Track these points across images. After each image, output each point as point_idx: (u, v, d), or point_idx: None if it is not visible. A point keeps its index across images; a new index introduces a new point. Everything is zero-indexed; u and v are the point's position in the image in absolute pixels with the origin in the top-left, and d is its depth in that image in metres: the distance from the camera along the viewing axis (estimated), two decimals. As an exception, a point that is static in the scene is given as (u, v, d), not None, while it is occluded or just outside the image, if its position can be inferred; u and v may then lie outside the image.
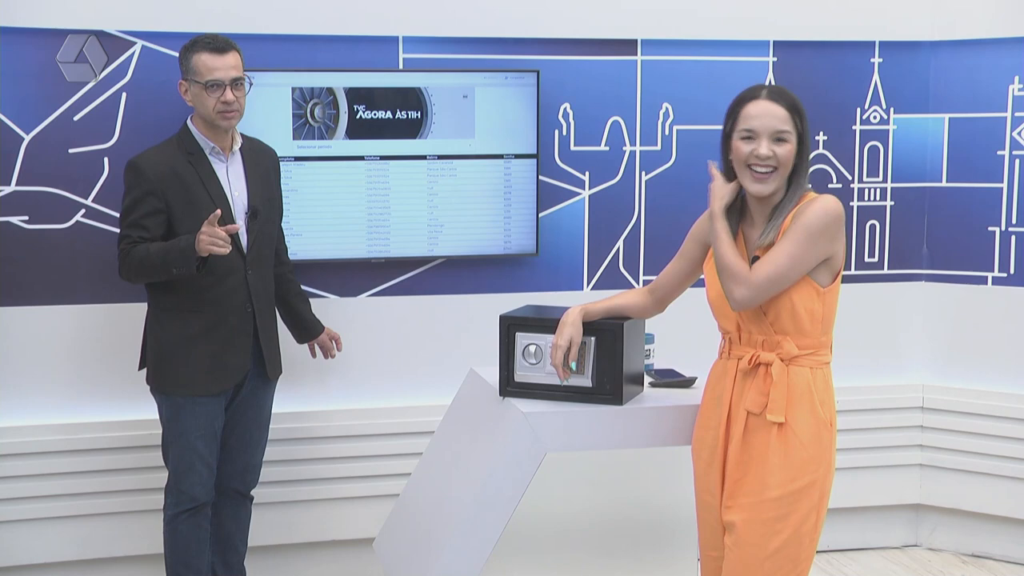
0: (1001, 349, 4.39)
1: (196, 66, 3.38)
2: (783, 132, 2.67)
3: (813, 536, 2.69)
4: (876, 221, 4.49)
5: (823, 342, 2.73)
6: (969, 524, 4.48)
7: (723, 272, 2.68)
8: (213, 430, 3.48)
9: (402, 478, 3.76)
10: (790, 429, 2.66)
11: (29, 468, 3.84)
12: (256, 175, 3.52)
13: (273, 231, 3.61)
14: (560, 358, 2.88)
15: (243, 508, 3.68)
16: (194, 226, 3.31)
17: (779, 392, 2.67)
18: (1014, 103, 4.32)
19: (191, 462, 3.45)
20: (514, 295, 4.07)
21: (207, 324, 3.41)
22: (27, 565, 3.90)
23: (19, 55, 3.77)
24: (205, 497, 3.49)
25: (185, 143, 3.43)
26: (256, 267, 3.48)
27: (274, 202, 3.61)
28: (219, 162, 3.45)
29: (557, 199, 4.24)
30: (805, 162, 2.71)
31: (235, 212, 3.43)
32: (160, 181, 3.36)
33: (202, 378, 3.41)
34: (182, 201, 3.37)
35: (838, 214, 2.66)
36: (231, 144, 3.48)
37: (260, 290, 3.50)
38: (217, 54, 3.38)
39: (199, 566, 3.53)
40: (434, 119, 4.04)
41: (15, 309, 3.83)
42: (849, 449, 4.35)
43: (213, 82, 3.36)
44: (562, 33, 4.17)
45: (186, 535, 3.49)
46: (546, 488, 3.17)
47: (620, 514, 3.48)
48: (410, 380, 4.16)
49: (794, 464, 2.66)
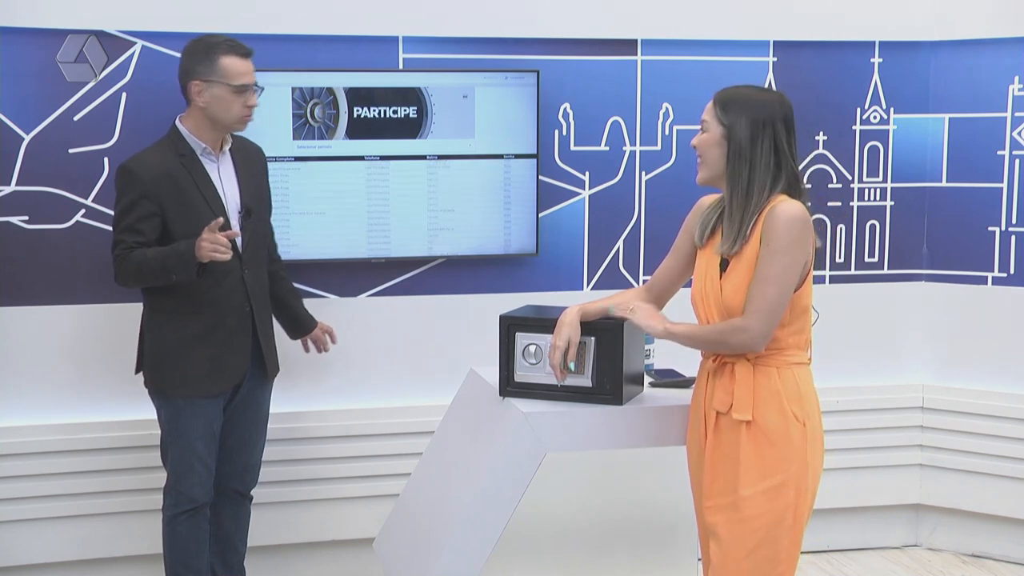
0: (1001, 349, 4.39)
1: (224, 68, 3.35)
2: (704, 121, 2.75)
3: (792, 536, 2.68)
4: (876, 221, 4.49)
5: (791, 343, 2.72)
6: (969, 524, 4.48)
7: (721, 344, 2.71)
8: (212, 431, 3.47)
9: (402, 478, 3.76)
10: (758, 427, 2.67)
11: (29, 468, 3.84)
12: (247, 174, 3.51)
13: (266, 230, 3.62)
14: (558, 359, 2.87)
15: (243, 508, 3.68)
16: (189, 228, 3.30)
17: (743, 391, 2.69)
18: (1014, 103, 4.32)
19: (190, 463, 3.44)
20: (514, 295, 4.07)
21: (206, 326, 3.40)
22: (27, 565, 3.89)
23: (19, 55, 3.77)
24: (204, 498, 3.49)
25: (177, 144, 3.41)
26: (252, 266, 3.47)
27: (264, 200, 3.61)
28: (211, 163, 3.43)
29: (557, 199, 4.24)
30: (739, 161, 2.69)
31: (229, 212, 3.41)
32: (153, 184, 3.33)
33: (201, 380, 3.41)
34: (176, 203, 3.35)
35: (803, 220, 2.65)
36: (222, 144, 3.47)
37: (257, 289, 3.50)
38: (244, 58, 3.39)
39: (198, 566, 3.53)
40: (434, 119, 4.04)
41: (15, 309, 3.83)
42: (849, 449, 4.36)
43: (244, 86, 3.36)
44: (562, 33, 4.16)
45: (185, 536, 3.49)
46: (546, 488, 3.17)
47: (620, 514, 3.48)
48: (410, 380, 4.16)
49: (765, 463, 2.66)
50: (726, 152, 2.71)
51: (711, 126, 2.73)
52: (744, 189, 2.68)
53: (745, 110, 2.69)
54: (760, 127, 2.69)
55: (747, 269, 2.67)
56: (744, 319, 2.65)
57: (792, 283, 2.66)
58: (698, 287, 2.79)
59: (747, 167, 2.69)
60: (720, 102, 2.73)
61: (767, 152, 2.69)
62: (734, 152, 2.70)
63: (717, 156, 2.72)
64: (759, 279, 2.64)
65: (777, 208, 2.65)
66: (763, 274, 2.64)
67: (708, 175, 2.76)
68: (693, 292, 2.81)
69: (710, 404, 2.76)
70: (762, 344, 2.66)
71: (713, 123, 2.73)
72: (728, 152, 2.70)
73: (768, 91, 2.81)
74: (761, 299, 2.63)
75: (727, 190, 2.73)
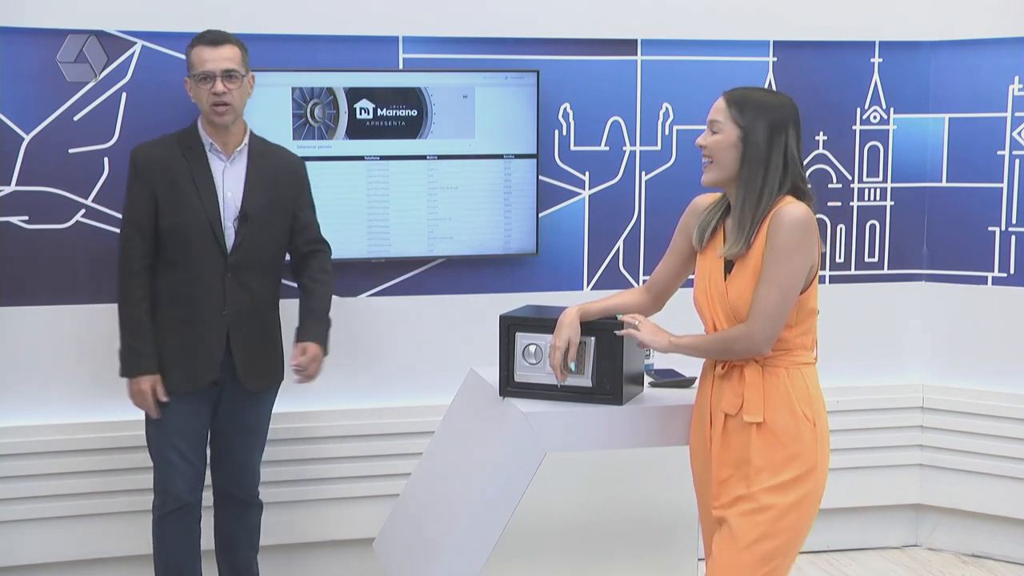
0: (1001, 349, 4.39)
1: (192, 60, 3.38)
2: (715, 122, 2.70)
3: (793, 534, 2.68)
4: (876, 221, 4.49)
5: (799, 343, 2.72)
6: (969, 524, 4.48)
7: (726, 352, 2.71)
8: (194, 428, 3.44)
9: (402, 478, 3.76)
10: (768, 428, 2.67)
11: (29, 468, 3.84)
12: (258, 179, 3.43)
13: (273, 240, 3.47)
14: (559, 359, 2.87)
15: (247, 514, 3.63)
16: (176, 221, 3.33)
17: (754, 393, 2.68)
18: (1014, 103, 4.32)
19: (171, 459, 3.42)
20: (514, 295, 4.07)
21: (180, 319, 3.37)
22: (27, 565, 3.89)
23: (19, 55, 3.77)
24: (189, 497, 3.45)
25: (187, 137, 3.42)
26: (239, 272, 3.39)
27: (279, 210, 3.47)
28: (219, 161, 3.42)
29: (557, 199, 4.24)
30: (756, 169, 2.67)
31: (224, 213, 3.38)
32: (148, 169, 3.36)
33: (173, 373, 3.38)
34: (168, 192, 3.35)
35: (808, 222, 2.64)
36: (235, 143, 3.44)
37: (240, 296, 3.40)
38: (211, 46, 3.36)
39: (189, 572, 3.51)
40: (434, 119, 4.04)
41: (15, 309, 3.83)
42: (849, 449, 4.35)
43: (204, 74, 3.34)
44: (562, 33, 4.16)
45: (174, 537, 3.47)
46: (546, 488, 3.17)
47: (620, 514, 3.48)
48: (410, 380, 4.15)
49: (775, 462, 2.66)
50: (741, 155, 2.68)
51: (725, 127, 2.69)
52: (757, 192, 2.67)
53: (763, 113, 2.67)
54: (777, 131, 2.67)
55: (752, 271, 2.66)
56: (747, 325, 2.65)
57: (797, 286, 2.65)
58: (701, 289, 2.78)
59: (762, 170, 2.66)
60: (735, 103, 2.69)
61: (780, 156, 2.68)
62: (750, 155, 2.67)
63: (731, 158, 2.68)
64: (763, 282, 2.64)
65: (782, 211, 2.64)
66: (767, 277, 2.63)
67: (719, 177, 2.72)
68: (697, 295, 2.80)
69: (717, 406, 2.75)
70: (767, 348, 2.66)
71: (728, 124, 2.69)
72: (743, 155, 2.68)
73: (778, 94, 2.79)
74: (765, 303, 2.63)
75: (738, 192, 2.70)
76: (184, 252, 3.35)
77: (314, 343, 3.46)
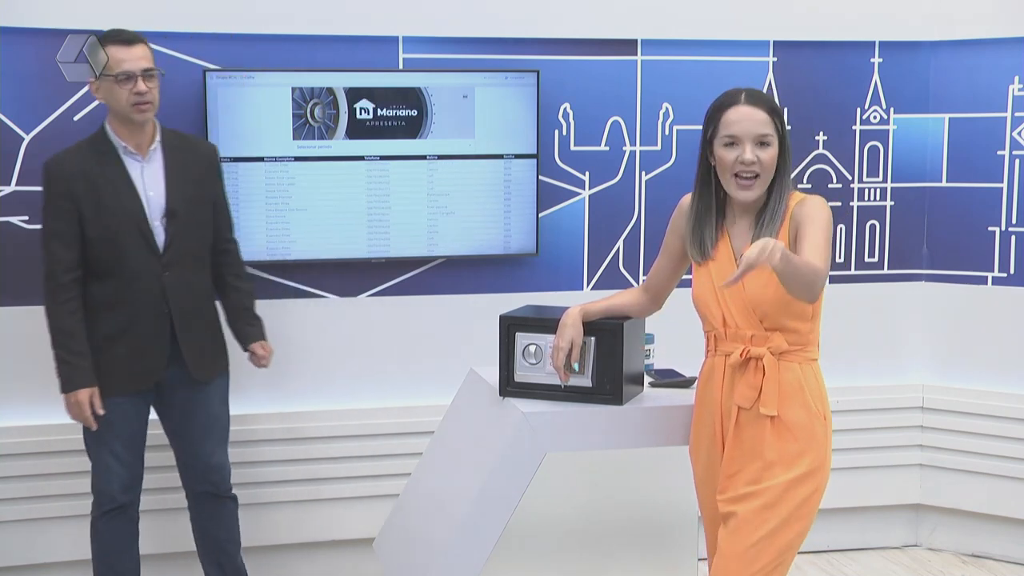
0: (1001, 349, 4.39)
1: (107, 60, 3.33)
2: (765, 136, 2.67)
3: (800, 529, 2.68)
4: (876, 221, 4.49)
5: (810, 339, 2.73)
6: (969, 524, 4.48)
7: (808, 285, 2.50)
8: (132, 430, 3.43)
9: (402, 478, 3.76)
10: (782, 423, 2.67)
11: (29, 468, 3.85)
12: (178, 174, 3.42)
13: (202, 232, 3.49)
14: (561, 360, 2.87)
15: (224, 510, 3.62)
16: (103, 229, 3.30)
17: (771, 385, 2.67)
18: (1014, 103, 4.32)
19: (107, 462, 3.42)
20: (514, 295, 4.07)
21: (120, 324, 3.36)
22: (27, 565, 3.90)
23: (19, 55, 3.77)
24: (124, 499, 3.45)
25: (98, 143, 3.38)
26: (175, 268, 3.38)
27: (203, 201, 3.49)
28: (134, 162, 3.39)
29: (557, 199, 4.24)
30: (787, 164, 2.71)
31: (150, 213, 3.36)
32: (65, 181, 3.32)
33: (114, 378, 3.37)
34: (91, 202, 3.32)
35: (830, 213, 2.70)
36: (148, 142, 3.41)
37: (180, 292, 3.40)
38: (125, 46, 3.34)
39: (123, 569, 3.50)
40: (434, 119, 4.04)
41: (15, 309, 3.83)
42: (849, 449, 4.35)
43: (124, 74, 3.32)
44: (562, 33, 4.16)
45: (108, 537, 3.47)
46: (546, 488, 3.17)
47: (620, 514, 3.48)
48: (410, 380, 4.16)
49: (788, 456, 2.66)
50: (776, 159, 2.69)
51: (773, 139, 2.68)
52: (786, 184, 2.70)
53: (783, 115, 2.71)
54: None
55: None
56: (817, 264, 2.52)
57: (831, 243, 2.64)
58: (707, 291, 2.76)
59: (788, 170, 2.72)
60: (774, 112, 2.69)
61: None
62: (786, 158, 2.70)
63: (774, 167, 2.69)
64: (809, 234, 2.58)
65: (807, 200, 2.68)
66: (808, 231, 2.59)
67: (763, 189, 2.70)
68: (700, 294, 2.78)
69: (729, 400, 2.74)
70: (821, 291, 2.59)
71: (774, 136, 2.68)
72: (780, 159, 2.69)
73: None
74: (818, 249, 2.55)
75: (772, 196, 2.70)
76: (117, 258, 3.33)
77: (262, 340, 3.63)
